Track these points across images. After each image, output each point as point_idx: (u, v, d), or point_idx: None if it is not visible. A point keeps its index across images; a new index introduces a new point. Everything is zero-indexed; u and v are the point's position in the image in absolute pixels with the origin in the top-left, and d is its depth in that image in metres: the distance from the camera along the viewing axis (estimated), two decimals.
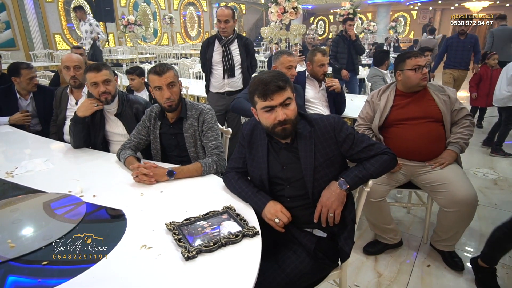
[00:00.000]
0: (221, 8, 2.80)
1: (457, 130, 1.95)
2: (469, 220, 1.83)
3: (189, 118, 1.75)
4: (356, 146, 1.25)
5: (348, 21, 4.26)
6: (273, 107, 1.17)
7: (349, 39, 4.29)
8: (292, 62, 2.28)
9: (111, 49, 9.64)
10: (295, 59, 2.29)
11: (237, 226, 1.13)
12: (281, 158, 1.29)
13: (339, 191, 1.21)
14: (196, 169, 1.58)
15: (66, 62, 2.24)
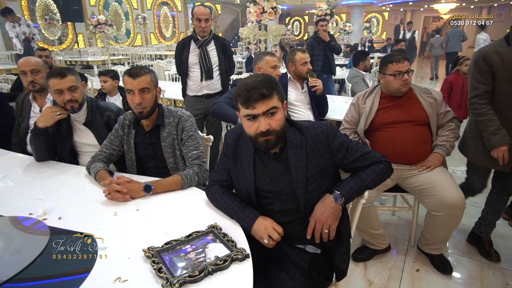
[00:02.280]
0: (199, 7, 2.66)
1: (443, 133, 1.93)
2: (457, 223, 1.81)
3: (167, 126, 1.62)
4: (351, 155, 1.17)
5: (320, 22, 4.23)
6: (255, 116, 1.07)
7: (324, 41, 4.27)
8: (277, 62, 2.20)
9: (80, 50, 9.18)
10: (276, 60, 2.20)
11: (225, 249, 1.02)
12: (269, 170, 1.19)
13: (334, 205, 1.12)
14: (175, 182, 1.45)
15: (22, 67, 2.03)
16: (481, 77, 1.76)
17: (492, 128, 1.75)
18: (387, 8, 15.35)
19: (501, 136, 1.73)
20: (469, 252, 2.10)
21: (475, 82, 1.79)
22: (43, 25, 8.60)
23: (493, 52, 1.72)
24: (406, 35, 8.32)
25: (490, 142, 1.77)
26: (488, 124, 1.76)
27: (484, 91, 1.77)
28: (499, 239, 2.23)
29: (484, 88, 1.77)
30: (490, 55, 1.72)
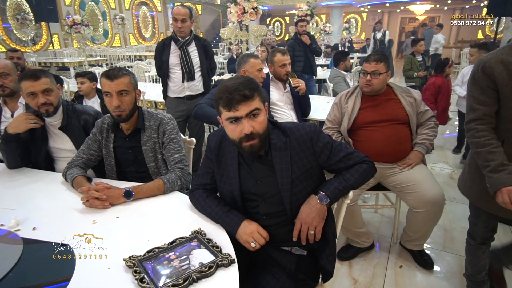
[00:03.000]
0: (177, 7, 2.62)
1: (422, 131, 1.98)
2: (437, 219, 1.86)
3: (148, 129, 1.57)
4: (335, 156, 1.17)
5: (299, 23, 4.29)
6: (238, 119, 1.05)
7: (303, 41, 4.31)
8: (261, 64, 2.19)
9: (56, 51, 8.87)
10: (261, 63, 2.20)
11: (209, 255, 0.99)
12: (254, 172, 1.17)
13: (320, 206, 1.12)
14: (157, 186, 1.41)
15: None
16: (481, 95, 1.30)
17: (495, 163, 1.26)
18: (365, 9, 15.69)
19: (507, 174, 1.24)
20: (448, 246, 2.16)
21: (473, 102, 1.34)
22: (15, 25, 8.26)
23: (497, 62, 1.25)
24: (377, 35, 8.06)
25: (491, 182, 1.28)
26: (489, 158, 1.28)
27: (485, 113, 1.31)
28: None
29: (485, 109, 1.31)
30: (492, 66, 1.25)
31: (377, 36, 7.84)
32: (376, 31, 7.92)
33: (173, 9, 2.63)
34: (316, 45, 4.31)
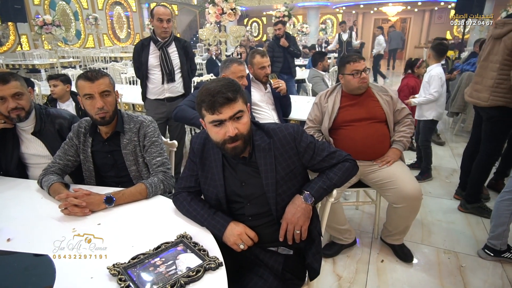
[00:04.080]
0: (160, 7, 2.56)
1: (400, 128, 2.04)
2: (415, 214, 1.92)
3: (127, 132, 1.53)
4: (318, 156, 1.19)
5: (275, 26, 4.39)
6: (222, 121, 1.05)
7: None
8: (243, 71, 2.17)
9: (25, 53, 8.46)
10: (245, 68, 2.18)
11: (196, 259, 0.98)
12: (239, 174, 1.17)
13: (305, 206, 1.13)
14: (139, 191, 1.37)
15: None
16: None
17: None
18: (340, 10, 16.01)
19: None
20: (426, 239, 2.24)
21: None
22: None
23: None
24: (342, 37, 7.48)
25: None
26: None
27: None
28: (451, 225, 2.41)
29: None
30: None
31: (343, 38, 7.38)
32: (341, 32, 7.47)
33: (154, 9, 2.57)
34: (295, 47, 4.35)
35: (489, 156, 2.39)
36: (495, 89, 2.21)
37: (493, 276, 1.90)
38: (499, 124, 2.29)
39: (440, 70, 2.91)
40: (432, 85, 2.91)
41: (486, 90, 2.25)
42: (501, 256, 1.98)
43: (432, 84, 2.91)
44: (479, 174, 2.46)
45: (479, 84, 2.32)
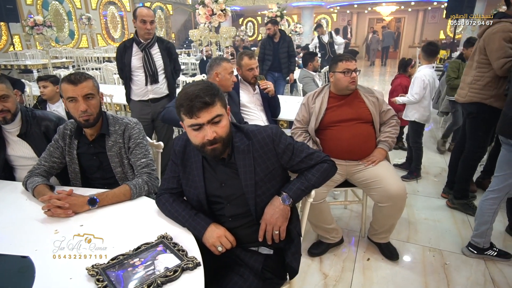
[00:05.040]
0: (143, 8, 2.57)
1: (385, 129, 2.07)
2: (401, 212, 1.95)
3: (112, 134, 1.54)
4: (296, 157, 1.21)
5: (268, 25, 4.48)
6: (200, 125, 1.06)
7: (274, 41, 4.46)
8: (233, 68, 2.20)
9: (17, 53, 8.41)
10: (233, 66, 2.20)
11: (175, 259, 1.00)
12: (218, 175, 1.19)
13: (283, 207, 1.15)
14: (123, 192, 1.39)
15: None
16: None
17: None
18: (335, 10, 16.06)
19: None
20: (412, 237, 2.28)
21: None
22: None
23: None
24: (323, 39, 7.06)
25: None
26: None
27: None
28: (437, 223, 2.44)
29: None
30: None
31: (324, 40, 7.07)
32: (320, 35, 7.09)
33: (137, 10, 2.57)
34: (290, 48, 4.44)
35: (473, 153, 2.45)
36: (472, 85, 2.31)
37: (476, 273, 1.93)
38: (477, 121, 2.36)
39: (427, 72, 2.93)
40: (414, 87, 2.94)
41: (466, 86, 2.36)
42: (484, 254, 2.02)
43: (414, 86, 2.93)
44: (464, 170, 2.52)
45: (463, 82, 2.42)
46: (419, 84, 2.91)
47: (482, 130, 2.37)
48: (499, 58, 2.09)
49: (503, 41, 2.06)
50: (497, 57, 2.10)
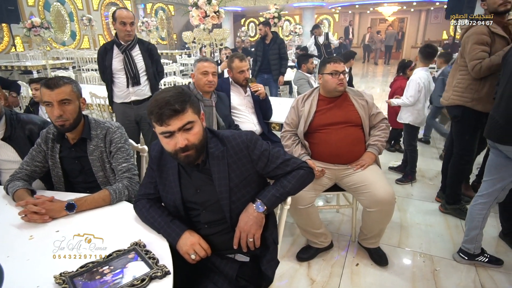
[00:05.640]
0: (122, 10, 2.57)
1: (375, 133, 2.05)
2: (389, 217, 1.93)
3: (94, 138, 1.53)
4: (272, 163, 1.19)
5: (259, 25, 4.57)
6: (171, 133, 1.05)
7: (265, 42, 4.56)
8: (207, 67, 2.15)
9: (19, 54, 8.46)
10: (210, 65, 2.15)
11: (145, 267, 0.98)
12: (193, 181, 1.17)
13: (257, 214, 1.13)
14: (103, 197, 1.38)
15: None
16: None
17: None
18: (337, 10, 16.00)
19: None
20: (403, 242, 2.25)
21: None
22: None
23: None
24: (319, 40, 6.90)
25: None
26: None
27: None
28: (430, 228, 2.41)
29: None
30: None
31: (320, 41, 6.93)
32: (316, 36, 6.95)
33: (116, 12, 2.57)
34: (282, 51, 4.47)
35: (460, 157, 2.41)
36: (455, 88, 2.30)
37: (466, 279, 1.90)
38: (462, 124, 2.34)
39: (422, 74, 2.89)
40: (408, 89, 2.90)
41: (450, 89, 2.35)
42: (475, 260, 1.99)
43: (409, 88, 2.90)
44: (453, 175, 2.49)
45: (448, 85, 2.41)
46: (414, 87, 2.88)
47: (468, 133, 2.34)
48: (470, 60, 2.13)
49: (474, 44, 2.09)
50: (469, 60, 2.14)
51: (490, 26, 2.07)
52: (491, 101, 2.08)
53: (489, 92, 2.15)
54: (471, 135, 2.33)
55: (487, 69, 2.06)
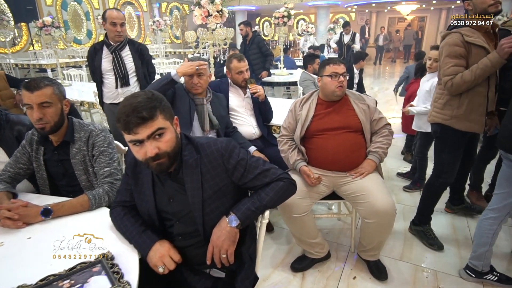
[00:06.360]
0: (113, 10, 2.54)
1: (376, 139, 1.93)
2: (389, 230, 1.81)
3: (77, 141, 1.49)
4: (249, 173, 1.11)
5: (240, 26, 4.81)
6: (140, 141, 0.98)
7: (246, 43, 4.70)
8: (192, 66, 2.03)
9: (36, 52, 8.69)
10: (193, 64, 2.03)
11: (107, 283, 0.93)
12: (167, 190, 1.11)
13: (229, 229, 1.06)
14: (81, 203, 1.33)
15: None
16: None
17: None
18: (353, 9, 15.67)
19: None
20: (406, 255, 2.12)
21: None
22: None
23: None
24: (344, 39, 6.64)
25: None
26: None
27: None
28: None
29: None
30: None
31: (344, 40, 6.66)
32: (343, 35, 6.68)
33: (107, 12, 2.54)
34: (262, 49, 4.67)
35: (435, 177, 2.13)
36: (435, 103, 2.06)
37: None
38: (440, 140, 2.08)
39: None
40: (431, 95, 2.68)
41: (432, 105, 2.11)
42: (483, 278, 1.84)
43: (431, 93, 2.67)
44: (425, 195, 2.23)
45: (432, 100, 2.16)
46: None
47: (445, 152, 2.05)
48: (442, 75, 1.91)
49: (446, 57, 1.86)
50: (442, 74, 1.92)
51: (465, 34, 1.78)
52: (472, 118, 1.88)
53: (469, 109, 1.87)
54: (448, 153, 2.04)
55: (458, 86, 1.82)
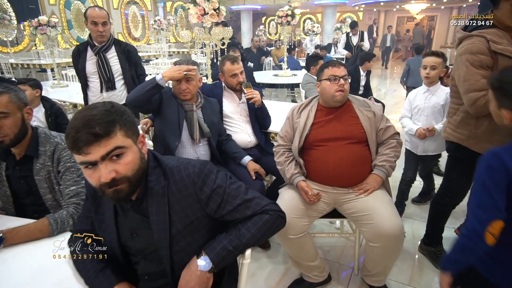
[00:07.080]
0: (94, 8, 2.35)
1: (383, 151, 1.73)
2: (396, 255, 1.61)
3: (41, 155, 1.32)
4: (228, 204, 0.92)
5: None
6: (93, 164, 0.79)
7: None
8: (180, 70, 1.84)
9: (39, 52, 8.61)
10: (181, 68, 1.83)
11: None
12: (129, 222, 0.92)
13: (200, 273, 0.86)
14: (40, 228, 1.16)
15: None
16: None
17: None
18: (360, 8, 15.36)
19: None
20: (415, 279, 1.91)
21: None
22: None
23: None
24: (352, 40, 6.31)
25: None
26: None
27: None
28: None
29: None
30: None
31: (353, 41, 6.32)
32: (351, 35, 6.35)
33: (88, 11, 2.36)
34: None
35: (442, 196, 1.93)
36: (449, 119, 1.77)
37: None
38: (452, 159, 1.83)
39: None
40: None
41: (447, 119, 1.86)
42: None
43: None
44: (432, 214, 2.04)
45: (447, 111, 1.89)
46: None
47: (457, 171, 1.81)
48: (468, 91, 1.51)
49: (472, 68, 1.47)
50: (466, 90, 1.52)
51: (491, 40, 1.43)
52: (495, 140, 1.54)
53: (490, 129, 1.54)
54: (461, 174, 1.79)
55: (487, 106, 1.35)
